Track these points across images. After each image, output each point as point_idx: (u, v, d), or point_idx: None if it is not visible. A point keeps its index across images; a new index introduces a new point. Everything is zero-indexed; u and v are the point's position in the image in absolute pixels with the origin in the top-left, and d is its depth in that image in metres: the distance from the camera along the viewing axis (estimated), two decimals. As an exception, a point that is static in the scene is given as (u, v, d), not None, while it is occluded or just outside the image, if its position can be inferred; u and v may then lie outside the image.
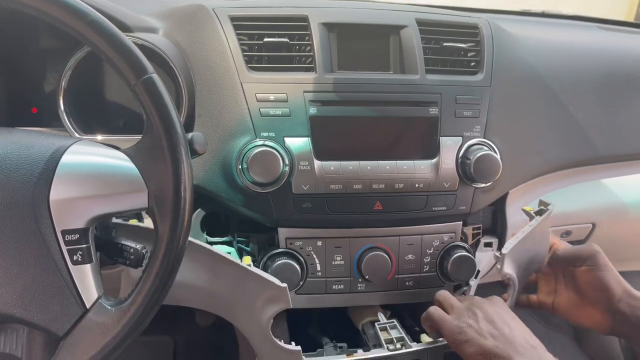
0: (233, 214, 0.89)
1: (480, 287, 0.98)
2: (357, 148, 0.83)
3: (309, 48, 0.84)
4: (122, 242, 0.63)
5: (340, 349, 0.86)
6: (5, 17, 0.82)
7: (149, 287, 0.56)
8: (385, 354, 0.81)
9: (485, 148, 0.86)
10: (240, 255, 0.88)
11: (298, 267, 0.83)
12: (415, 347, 0.81)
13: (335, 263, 0.86)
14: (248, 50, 0.83)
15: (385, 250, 0.87)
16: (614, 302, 0.81)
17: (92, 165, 0.58)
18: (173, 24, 0.90)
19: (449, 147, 0.85)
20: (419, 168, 0.84)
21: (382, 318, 0.90)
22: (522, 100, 0.94)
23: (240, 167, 0.79)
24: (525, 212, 0.90)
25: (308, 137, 0.81)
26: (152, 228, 0.58)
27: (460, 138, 0.86)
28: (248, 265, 0.76)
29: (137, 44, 0.58)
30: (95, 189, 0.56)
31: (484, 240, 0.99)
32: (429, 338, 0.84)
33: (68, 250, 0.56)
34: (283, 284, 0.75)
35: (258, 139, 0.79)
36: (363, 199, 0.83)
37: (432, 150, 0.85)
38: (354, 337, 0.91)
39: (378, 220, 0.86)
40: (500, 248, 0.98)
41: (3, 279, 0.54)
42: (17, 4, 0.54)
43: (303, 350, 0.79)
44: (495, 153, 0.86)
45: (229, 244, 0.90)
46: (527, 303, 0.93)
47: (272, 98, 0.81)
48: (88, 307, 0.57)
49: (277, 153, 0.78)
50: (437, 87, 0.86)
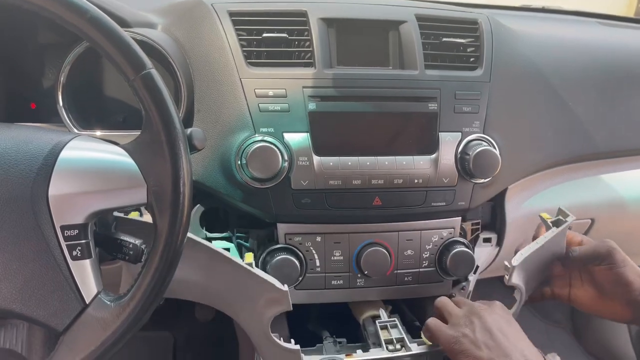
0: (232, 210, 0.89)
1: (479, 282, 0.98)
2: (356, 143, 0.83)
3: (308, 43, 0.84)
4: (121, 237, 0.63)
5: (340, 345, 0.86)
6: (4, 12, 0.82)
7: (148, 282, 0.56)
8: (384, 356, 0.80)
9: (485, 143, 0.85)
10: (240, 251, 0.88)
11: (297, 262, 0.83)
12: (415, 349, 0.80)
13: (335, 258, 0.86)
14: (247, 46, 0.83)
15: (385, 246, 0.87)
16: (635, 294, 0.79)
17: (91, 161, 0.57)
18: (172, 20, 0.90)
19: (448, 142, 0.85)
20: (418, 163, 0.84)
21: (383, 314, 0.89)
22: (521, 96, 0.94)
23: (240, 162, 0.79)
24: (542, 219, 0.87)
25: (307, 132, 0.81)
26: (151, 222, 0.58)
27: (460, 133, 0.86)
28: (249, 264, 0.75)
29: (135, 40, 0.58)
30: (94, 185, 0.56)
31: (483, 236, 0.99)
32: None
33: (67, 246, 0.56)
34: (284, 288, 0.74)
35: (257, 135, 0.79)
36: (362, 195, 0.83)
37: (431, 146, 0.85)
38: (356, 330, 0.91)
39: (377, 216, 0.86)
40: (500, 244, 0.99)
41: (2, 275, 0.54)
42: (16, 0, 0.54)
43: (303, 345, 0.79)
44: (495, 148, 0.86)
45: (228, 240, 0.90)
46: (540, 297, 0.90)
47: (271, 93, 0.81)
48: (87, 302, 0.57)
49: (276, 149, 0.78)
50: (436, 82, 0.86)
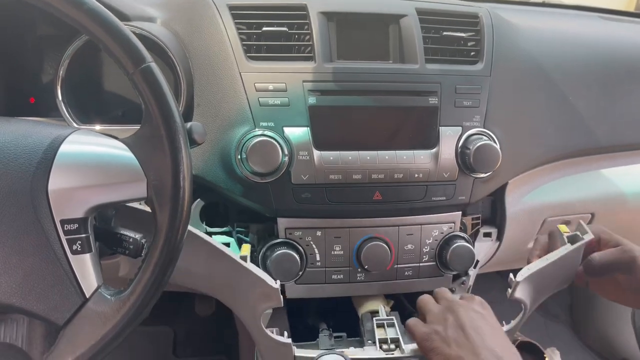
0: (232, 204, 0.89)
1: (479, 277, 0.98)
2: (356, 138, 0.83)
3: (308, 37, 0.84)
4: (121, 232, 0.63)
5: (336, 340, 0.86)
6: (2, 6, 0.81)
7: (149, 276, 0.56)
8: (376, 356, 0.80)
9: (485, 138, 0.85)
10: (240, 246, 0.88)
11: (297, 257, 0.83)
12: (408, 352, 0.79)
13: (335, 253, 0.86)
14: (247, 40, 0.83)
15: (385, 241, 0.87)
16: None
17: (90, 155, 0.57)
18: (171, 14, 0.89)
19: (449, 136, 0.85)
20: (419, 158, 0.84)
21: (382, 311, 0.89)
22: (522, 90, 0.94)
23: (240, 157, 0.78)
24: (559, 232, 0.82)
25: (307, 127, 0.81)
26: (150, 210, 0.58)
27: (460, 128, 0.86)
28: (244, 257, 0.75)
29: (135, 33, 0.57)
30: (94, 179, 0.56)
31: (483, 230, 0.99)
32: None
33: (67, 240, 0.55)
34: (275, 285, 0.74)
35: (257, 129, 0.79)
36: (362, 189, 0.83)
37: (431, 140, 0.85)
38: (357, 324, 0.91)
39: (377, 211, 0.86)
40: (500, 238, 0.99)
41: (2, 269, 0.54)
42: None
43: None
44: (495, 143, 0.85)
45: (229, 234, 0.90)
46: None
47: (271, 88, 0.81)
48: (87, 296, 0.56)
49: (276, 143, 0.78)
50: (436, 76, 0.85)
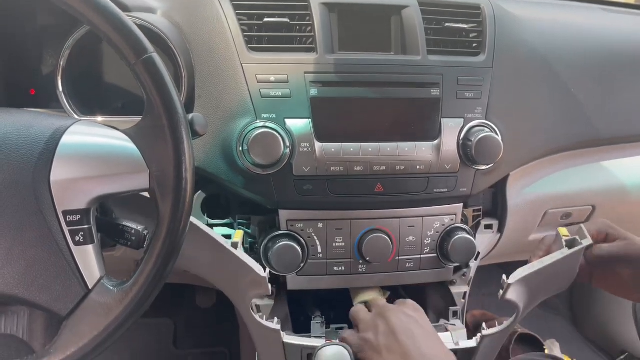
0: (234, 196, 0.89)
1: (480, 269, 0.99)
2: (358, 130, 0.83)
3: (310, 28, 0.83)
4: (123, 223, 0.63)
5: (327, 330, 0.87)
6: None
7: (151, 267, 0.56)
8: None
9: (487, 130, 0.85)
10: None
11: (299, 248, 0.83)
12: None
13: (336, 245, 0.86)
14: (248, 31, 0.82)
15: (386, 232, 0.86)
16: None
17: (92, 146, 0.57)
18: (172, 4, 0.88)
19: (451, 128, 0.85)
20: (420, 150, 0.84)
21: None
22: (523, 82, 0.94)
23: (241, 148, 0.78)
24: (558, 235, 0.81)
25: (309, 118, 0.80)
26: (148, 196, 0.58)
27: (462, 119, 0.86)
28: (234, 244, 0.75)
29: (135, 24, 0.57)
30: (96, 170, 0.56)
31: (485, 223, 0.99)
32: None
33: (70, 231, 0.56)
34: (263, 274, 0.74)
35: (259, 121, 0.79)
36: (364, 181, 0.83)
37: (433, 132, 0.85)
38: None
39: (379, 202, 0.86)
40: (501, 231, 0.99)
41: (5, 260, 0.54)
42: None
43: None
44: (497, 135, 0.85)
45: (230, 227, 0.90)
46: None
47: (272, 79, 0.80)
48: (90, 287, 0.57)
49: (277, 135, 0.77)
50: (438, 68, 0.85)
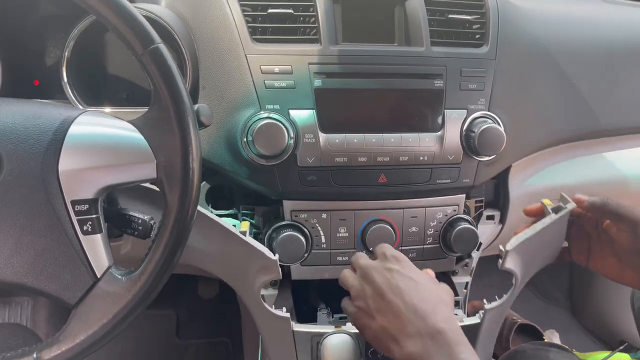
0: (238, 187, 0.89)
1: (482, 259, 0.99)
2: (362, 121, 0.83)
3: (314, 19, 0.83)
4: (130, 213, 0.63)
5: (333, 319, 0.88)
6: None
7: (159, 257, 0.57)
8: None
9: (490, 121, 0.85)
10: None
11: (303, 239, 0.83)
12: None
13: (340, 235, 0.87)
14: (252, 22, 0.82)
15: (389, 223, 0.87)
16: None
17: (100, 136, 0.57)
18: (175, -5, 0.88)
19: (454, 120, 0.85)
20: (424, 141, 0.84)
21: None
22: (526, 73, 0.94)
23: (245, 139, 0.78)
24: (543, 205, 0.83)
25: (313, 109, 0.81)
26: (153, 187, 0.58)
27: (465, 111, 0.86)
28: (243, 232, 0.76)
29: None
30: (104, 160, 0.56)
31: (487, 213, 0.99)
32: None
33: (78, 221, 0.56)
34: (274, 257, 0.75)
35: (263, 112, 0.79)
36: (368, 172, 0.84)
37: (436, 123, 0.85)
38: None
39: (382, 193, 0.86)
40: (503, 221, 1.00)
41: (14, 249, 0.55)
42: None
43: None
44: (500, 126, 0.85)
45: (234, 217, 0.90)
46: (559, 259, 0.86)
47: (276, 70, 0.80)
48: (99, 276, 0.57)
49: (282, 125, 0.78)
50: (442, 59, 0.85)
